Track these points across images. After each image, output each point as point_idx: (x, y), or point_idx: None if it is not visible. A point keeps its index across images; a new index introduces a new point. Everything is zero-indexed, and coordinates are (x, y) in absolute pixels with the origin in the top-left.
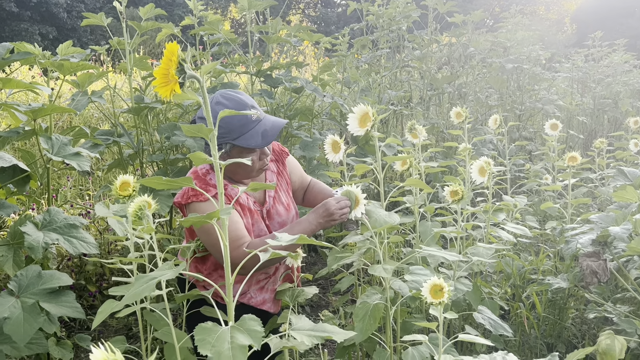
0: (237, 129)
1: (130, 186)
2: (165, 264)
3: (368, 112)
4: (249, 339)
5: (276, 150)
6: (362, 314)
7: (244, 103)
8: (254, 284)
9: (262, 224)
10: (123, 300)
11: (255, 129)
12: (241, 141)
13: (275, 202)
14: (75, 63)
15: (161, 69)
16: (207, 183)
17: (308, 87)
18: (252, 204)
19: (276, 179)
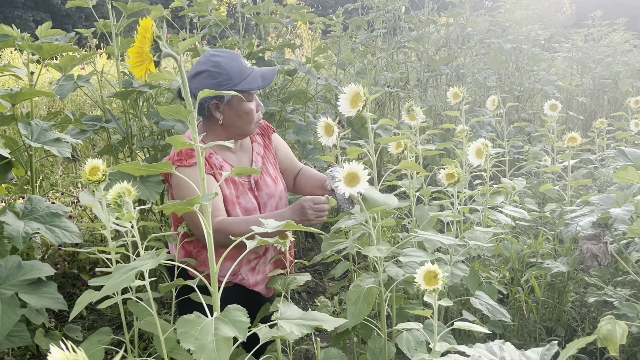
0: (237, 75)
1: (100, 170)
2: (147, 254)
3: (359, 92)
4: (234, 330)
5: (262, 125)
6: (355, 297)
7: (235, 55)
8: (244, 264)
9: (249, 195)
10: (102, 291)
11: (253, 74)
12: (244, 85)
13: (263, 174)
14: (55, 45)
15: (135, 47)
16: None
17: (301, 70)
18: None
19: (263, 151)
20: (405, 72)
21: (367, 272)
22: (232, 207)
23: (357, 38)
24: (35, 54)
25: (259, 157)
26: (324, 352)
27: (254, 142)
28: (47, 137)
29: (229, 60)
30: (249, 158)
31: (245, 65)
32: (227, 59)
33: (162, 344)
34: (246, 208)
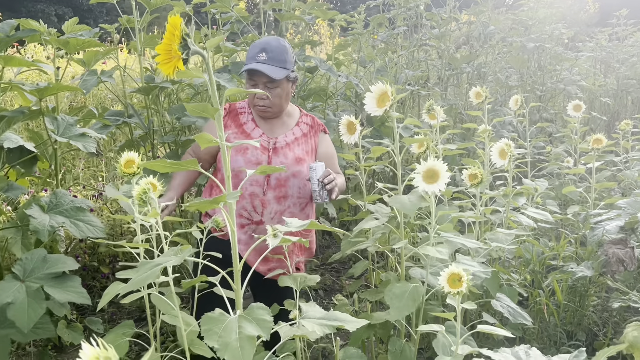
0: (247, 59)
1: (135, 164)
2: (171, 250)
3: (387, 92)
4: (257, 329)
5: (316, 121)
6: (400, 293)
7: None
8: (236, 215)
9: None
10: (128, 285)
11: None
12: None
13: (286, 147)
14: (81, 40)
15: (164, 44)
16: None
17: (322, 67)
18: (257, 135)
19: (300, 135)
20: (426, 70)
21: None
22: (236, 153)
23: (378, 35)
24: (62, 48)
25: (292, 136)
26: (343, 351)
27: (297, 126)
28: (72, 132)
29: (252, 46)
30: (283, 132)
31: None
32: (252, 45)
33: (184, 338)
34: (250, 160)
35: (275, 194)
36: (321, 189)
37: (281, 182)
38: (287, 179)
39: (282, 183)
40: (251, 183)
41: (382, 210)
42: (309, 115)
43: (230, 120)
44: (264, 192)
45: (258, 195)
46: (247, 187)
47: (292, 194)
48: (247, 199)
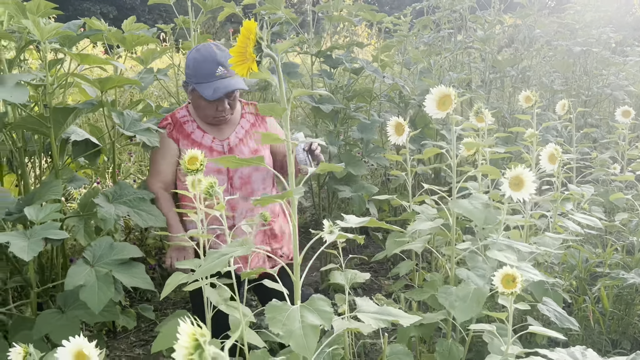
0: (200, 76)
1: (198, 160)
2: (235, 241)
3: (449, 95)
4: (319, 319)
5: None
6: (463, 294)
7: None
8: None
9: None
10: (195, 274)
11: (213, 83)
12: (198, 87)
13: (240, 143)
14: (136, 36)
15: (238, 47)
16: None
17: (368, 68)
18: (209, 142)
19: (249, 126)
20: (469, 73)
21: (431, 272)
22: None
23: (422, 37)
24: (121, 45)
25: (242, 131)
26: (390, 348)
27: (243, 118)
28: (137, 126)
29: (201, 61)
30: (232, 130)
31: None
32: (199, 58)
33: (243, 328)
34: (210, 169)
35: (241, 193)
36: (307, 157)
37: (244, 179)
38: (250, 175)
39: (246, 180)
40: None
41: (428, 212)
42: (250, 103)
43: (177, 132)
44: (229, 194)
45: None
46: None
47: (257, 188)
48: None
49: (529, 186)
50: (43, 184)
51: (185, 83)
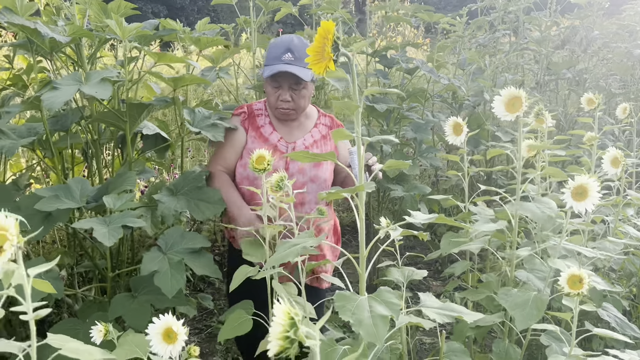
0: (269, 60)
1: (266, 160)
2: (305, 233)
3: (519, 97)
4: (387, 310)
5: (335, 121)
6: (522, 301)
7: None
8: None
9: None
10: (268, 263)
11: (276, 66)
12: (264, 69)
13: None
14: (211, 38)
15: (314, 46)
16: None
17: (424, 68)
18: (275, 139)
19: (319, 137)
20: (523, 75)
21: (486, 273)
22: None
23: (478, 38)
24: (194, 45)
25: (311, 139)
26: (447, 345)
27: (316, 127)
28: (204, 123)
29: (274, 45)
30: (302, 135)
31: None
32: (274, 44)
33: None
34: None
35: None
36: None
37: (298, 188)
38: (305, 184)
39: (300, 188)
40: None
41: (485, 213)
42: (327, 115)
43: (248, 123)
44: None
45: None
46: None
47: (310, 199)
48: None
49: (593, 196)
50: (117, 174)
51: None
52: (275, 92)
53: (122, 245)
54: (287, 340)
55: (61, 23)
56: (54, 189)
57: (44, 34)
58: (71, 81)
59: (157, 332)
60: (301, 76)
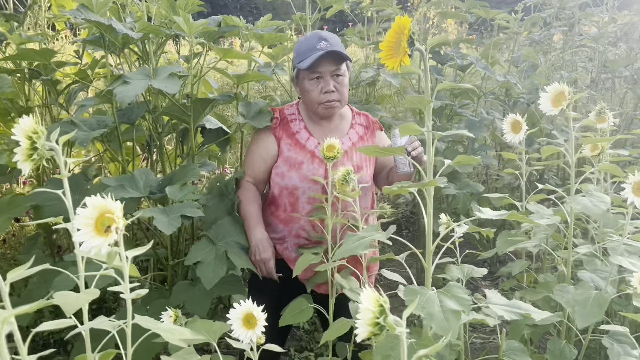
0: (301, 54)
1: (335, 148)
2: (371, 226)
3: (563, 92)
4: (457, 305)
5: (370, 119)
6: (583, 300)
7: (315, 36)
8: (293, 235)
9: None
10: (337, 254)
11: (313, 55)
12: (302, 64)
13: (344, 156)
14: (274, 35)
15: (387, 41)
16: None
17: (479, 65)
18: (312, 146)
19: (357, 139)
20: (577, 72)
21: (543, 273)
22: (290, 169)
23: (532, 35)
24: (257, 42)
25: (349, 143)
26: (507, 344)
27: (352, 129)
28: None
29: (304, 41)
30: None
31: (315, 46)
32: (303, 40)
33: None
34: (305, 176)
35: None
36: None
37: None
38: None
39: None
40: (308, 202)
41: (543, 212)
42: (361, 113)
43: (281, 130)
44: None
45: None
46: (304, 206)
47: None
48: (305, 218)
49: None
50: (181, 166)
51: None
52: (317, 85)
53: (180, 235)
54: (376, 326)
55: (129, 20)
56: (120, 179)
57: (118, 30)
58: (141, 76)
59: (237, 317)
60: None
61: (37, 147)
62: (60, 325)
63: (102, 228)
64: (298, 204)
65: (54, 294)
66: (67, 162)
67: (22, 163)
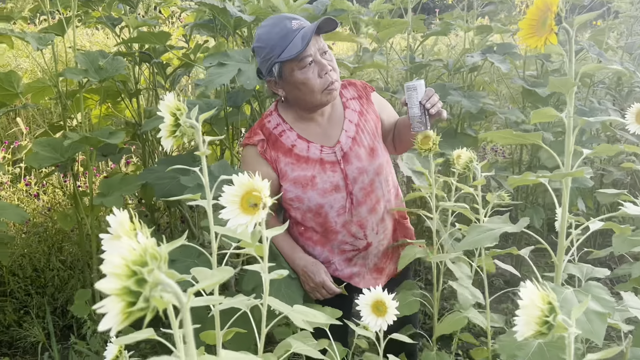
0: (278, 43)
1: (431, 139)
2: (498, 218)
3: None
4: (600, 306)
5: (359, 85)
6: None
7: (282, 17)
8: (337, 253)
9: (331, 172)
10: (460, 246)
11: (297, 37)
12: (285, 54)
13: (354, 144)
14: (391, 20)
15: (528, 19)
16: (261, 125)
17: (592, 51)
18: (317, 153)
19: (357, 117)
20: None
21: None
22: (304, 189)
23: None
24: (373, 27)
25: (352, 127)
26: (631, 352)
27: (347, 109)
28: None
29: (270, 28)
30: (339, 129)
31: (290, 27)
32: (267, 27)
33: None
34: (324, 189)
35: (367, 207)
36: (423, 113)
37: (367, 189)
38: (372, 182)
39: (369, 189)
40: (338, 213)
41: None
42: (345, 84)
43: (273, 151)
44: (352, 214)
45: (350, 220)
46: (336, 220)
47: (380, 194)
48: (341, 231)
49: None
50: None
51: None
52: (312, 72)
53: None
54: (545, 325)
55: (237, 3)
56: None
57: (232, 13)
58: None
59: (366, 303)
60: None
61: (180, 123)
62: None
63: (247, 206)
64: (328, 220)
65: (192, 270)
66: (204, 140)
67: (165, 139)
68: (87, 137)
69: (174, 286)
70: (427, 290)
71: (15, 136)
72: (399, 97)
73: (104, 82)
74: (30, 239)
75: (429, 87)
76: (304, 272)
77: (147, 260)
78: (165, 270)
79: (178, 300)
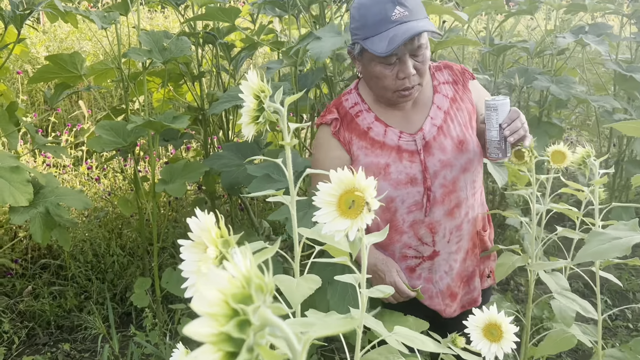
0: (370, 27)
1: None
2: (623, 224)
3: None
4: None
5: (456, 69)
6: None
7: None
8: (398, 258)
9: (409, 162)
10: (580, 257)
11: (388, 32)
12: (367, 43)
13: (440, 133)
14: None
15: None
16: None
17: None
18: (395, 139)
19: (448, 104)
20: None
21: None
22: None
23: None
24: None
25: (440, 113)
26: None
27: (437, 93)
28: None
29: (371, 5)
30: (424, 115)
31: (389, 15)
32: (369, 3)
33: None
34: (398, 181)
35: (444, 207)
36: (502, 139)
37: (449, 187)
38: (456, 180)
39: (451, 188)
40: (408, 210)
41: None
42: (442, 66)
43: (347, 132)
44: (425, 213)
45: (421, 221)
46: (404, 218)
47: (464, 196)
48: (407, 232)
49: None
50: None
51: (351, 47)
52: (391, 70)
53: None
54: None
55: None
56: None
57: None
58: (332, 33)
59: (477, 325)
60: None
61: (264, 107)
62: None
63: (347, 208)
64: (396, 218)
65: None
66: (289, 128)
67: (246, 125)
68: (151, 121)
69: (286, 330)
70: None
71: (78, 119)
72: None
73: (167, 64)
74: (91, 223)
75: (513, 108)
76: (374, 271)
77: (251, 294)
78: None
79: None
